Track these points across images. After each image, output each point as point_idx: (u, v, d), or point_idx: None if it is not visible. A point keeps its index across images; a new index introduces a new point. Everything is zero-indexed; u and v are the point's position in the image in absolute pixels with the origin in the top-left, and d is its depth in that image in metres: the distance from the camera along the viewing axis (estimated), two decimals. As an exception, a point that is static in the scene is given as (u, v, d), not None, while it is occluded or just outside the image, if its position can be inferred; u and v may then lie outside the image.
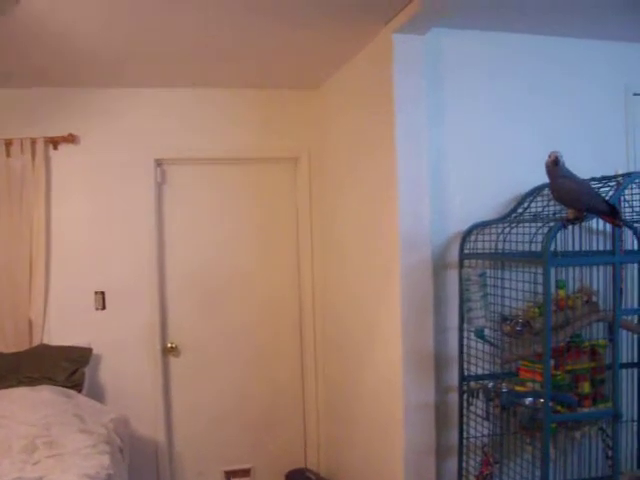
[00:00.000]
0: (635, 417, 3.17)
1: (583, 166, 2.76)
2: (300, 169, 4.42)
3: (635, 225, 3.01)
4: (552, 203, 3.06)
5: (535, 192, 3.20)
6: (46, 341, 3.90)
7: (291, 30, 3.14)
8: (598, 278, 3.03)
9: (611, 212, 2.55)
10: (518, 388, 2.80)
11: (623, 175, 2.90)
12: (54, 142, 3.96)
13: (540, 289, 2.62)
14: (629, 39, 3.40)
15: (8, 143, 3.86)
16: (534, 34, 3.27)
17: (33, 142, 3.89)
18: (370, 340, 3.50)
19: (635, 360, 3.18)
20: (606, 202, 2.55)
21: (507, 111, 3.27)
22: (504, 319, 2.96)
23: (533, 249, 2.77)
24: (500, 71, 3.26)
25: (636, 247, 3.07)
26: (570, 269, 3.03)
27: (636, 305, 3.13)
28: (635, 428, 3.18)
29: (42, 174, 3.91)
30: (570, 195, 2.53)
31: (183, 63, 3.65)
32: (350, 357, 3.84)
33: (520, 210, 3.21)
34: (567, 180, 2.53)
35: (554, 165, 2.54)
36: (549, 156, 2.55)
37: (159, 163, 4.19)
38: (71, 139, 3.97)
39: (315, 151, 4.38)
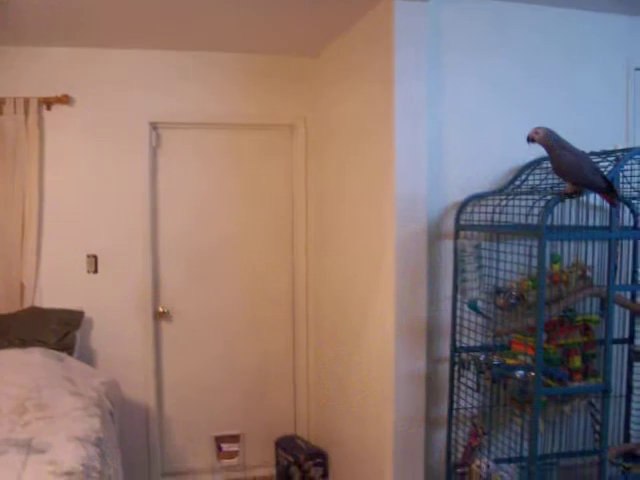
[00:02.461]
0: (623, 392, 3.19)
1: (581, 141, 2.72)
2: (296, 136, 4.37)
3: (632, 202, 3.00)
4: (550, 177, 3.05)
5: (533, 165, 3.18)
6: (37, 304, 3.88)
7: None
8: (593, 253, 3.02)
9: (608, 189, 2.53)
10: (509, 361, 2.80)
11: (623, 150, 2.88)
12: (48, 103, 3.89)
13: (535, 262, 2.62)
14: (631, 12, 3.36)
15: (0, 102, 3.79)
16: (536, 4, 3.22)
17: (26, 102, 3.82)
18: (363, 309, 3.50)
19: (625, 336, 3.20)
20: (604, 178, 2.53)
21: (506, 85, 3.24)
22: (498, 291, 2.97)
23: (529, 222, 2.76)
24: (499, 45, 3.23)
25: (632, 224, 3.07)
26: (565, 243, 3.03)
27: (630, 281, 3.12)
28: (623, 403, 3.21)
29: (35, 135, 3.85)
30: (570, 168, 2.52)
31: (181, 26, 3.58)
32: (343, 325, 3.84)
33: (517, 183, 3.19)
34: (567, 153, 2.51)
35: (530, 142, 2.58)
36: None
37: (154, 127, 4.13)
38: (65, 100, 3.91)
39: (312, 119, 4.32)
